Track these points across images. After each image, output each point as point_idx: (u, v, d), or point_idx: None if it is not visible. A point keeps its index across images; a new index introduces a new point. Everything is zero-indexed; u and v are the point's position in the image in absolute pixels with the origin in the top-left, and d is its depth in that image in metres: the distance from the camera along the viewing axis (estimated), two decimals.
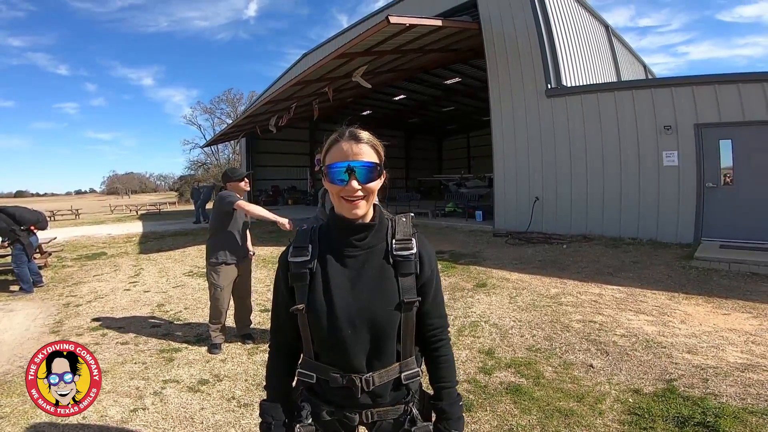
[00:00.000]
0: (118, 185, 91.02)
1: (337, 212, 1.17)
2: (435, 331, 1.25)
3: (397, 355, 1.18)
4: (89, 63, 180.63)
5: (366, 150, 1.11)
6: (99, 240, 11.74)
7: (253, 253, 4.31)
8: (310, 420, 1.19)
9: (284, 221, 3.71)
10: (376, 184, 1.13)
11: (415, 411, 1.21)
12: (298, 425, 1.18)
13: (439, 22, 9.67)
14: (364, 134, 1.14)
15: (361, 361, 1.14)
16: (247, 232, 4.21)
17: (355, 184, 1.08)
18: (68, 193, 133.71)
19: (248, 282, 4.25)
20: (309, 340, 1.18)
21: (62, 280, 6.99)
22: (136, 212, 23.68)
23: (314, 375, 1.19)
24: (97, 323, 4.75)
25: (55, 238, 9.97)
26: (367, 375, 1.14)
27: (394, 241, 1.18)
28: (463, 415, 1.26)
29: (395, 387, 1.19)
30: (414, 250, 1.18)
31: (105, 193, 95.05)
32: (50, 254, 8.21)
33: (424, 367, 1.29)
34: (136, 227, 14.93)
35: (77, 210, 22.88)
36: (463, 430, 1.24)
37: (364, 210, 1.13)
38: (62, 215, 21.40)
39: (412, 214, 1.29)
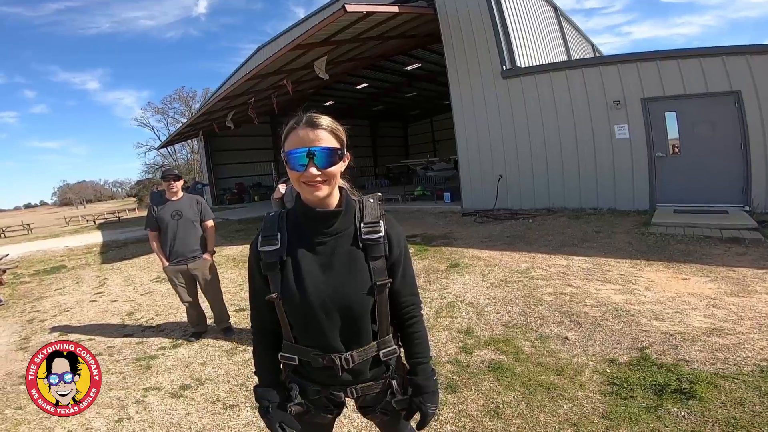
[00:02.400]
0: (70, 195, 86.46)
1: (303, 198, 1.19)
2: (408, 308, 1.29)
3: (374, 334, 1.23)
4: (24, 69, 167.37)
5: (324, 135, 1.12)
6: (56, 253, 11.16)
7: (213, 252, 4.27)
8: (299, 399, 1.25)
9: (163, 264, 4.05)
10: (337, 168, 1.14)
11: (395, 384, 1.28)
12: (289, 405, 1.23)
13: (395, 9, 9.64)
14: (323, 119, 1.14)
15: (338, 343, 1.18)
16: (200, 230, 4.16)
17: (313, 170, 1.09)
18: (17, 208, 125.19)
19: (208, 280, 4.18)
20: (287, 325, 1.22)
21: (22, 297, 6.65)
22: (94, 222, 22.58)
23: (296, 357, 1.23)
24: (65, 337, 4.57)
25: (8, 255, 9.44)
26: (347, 354, 1.18)
27: (362, 224, 1.20)
28: (438, 390, 1.31)
29: (375, 364, 1.25)
30: (382, 233, 1.19)
31: (57, 205, 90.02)
32: (4, 272, 7.77)
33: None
34: (96, 237, 14.27)
35: (29, 225, 21.54)
36: (437, 403, 1.29)
37: (326, 192, 1.14)
38: (13, 231, 20.13)
39: (380, 194, 1.30)
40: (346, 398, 1.29)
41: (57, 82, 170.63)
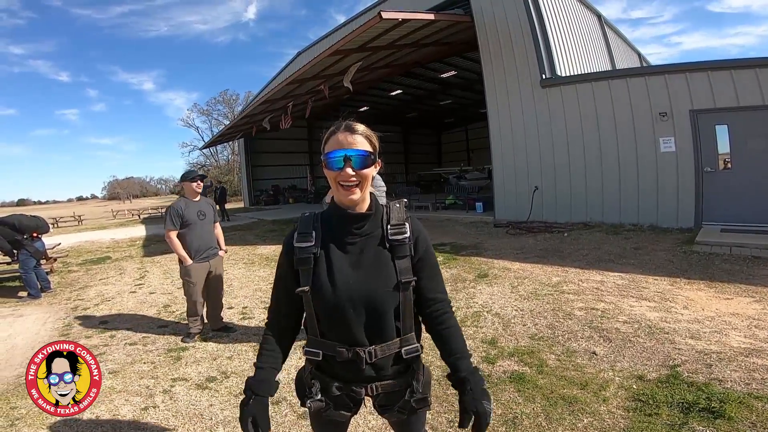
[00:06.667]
0: (119, 190, 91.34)
1: (336, 201, 1.27)
2: (437, 305, 1.32)
3: (397, 331, 1.26)
4: (90, 69, 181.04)
5: (360, 140, 1.21)
6: (103, 245, 11.80)
7: (225, 251, 4.47)
8: (320, 396, 1.28)
9: (188, 262, 4.08)
10: (370, 171, 1.23)
11: (415, 383, 1.29)
12: (308, 401, 1.27)
13: (431, 16, 9.69)
14: (359, 126, 1.23)
15: (362, 337, 1.23)
16: (215, 229, 4.36)
17: (349, 170, 1.18)
18: (70, 200, 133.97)
19: (220, 280, 4.38)
20: (314, 319, 1.27)
21: (69, 285, 7.06)
22: (139, 216, 23.76)
23: (320, 352, 1.27)
24: (105, 325, 4.81)
25: (60, 244, 10.05)
26: (370, 348, 1.23)
27: (389, 226, 1.27)
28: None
29: (396, 361, 1.28)
30: (407, 234, 1.27)
31: (106, 199, 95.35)
32: (55, 260, 8.26)
33: (423, 342, 1.36)
34: (139, 231, 14.99)
35: (80, 216, 22.93)
36: (491, 401, 1.22)
37: (359, 195, 1.22)
38: (65, 222, 21.44)
39: (405, 200, 1.38)
40: (366, 396, 1.31)
41: (117, 82, 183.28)
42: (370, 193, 1.29)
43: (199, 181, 4.18)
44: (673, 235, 7.28)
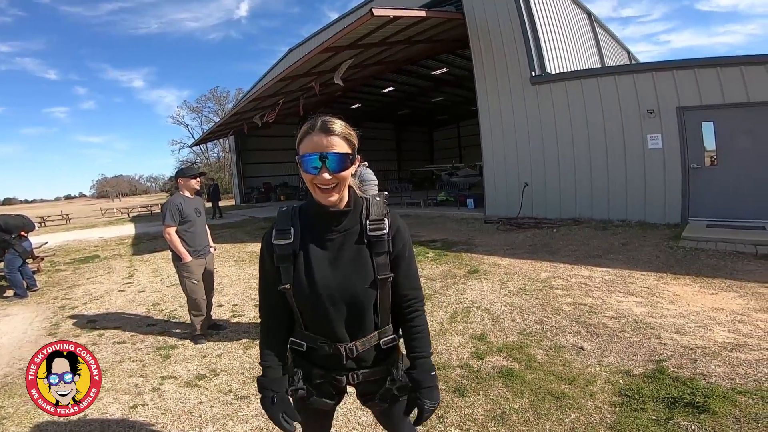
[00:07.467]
0: (108, 188, 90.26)
1: (314, 197, 1.23)
2: (409, 302, 1.32)
3: (375, 325, 1.29)
4: (79, 67, 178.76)
5: (336, 141, 1.15)
6: (91, 243, 11.67)
7: (215, 249, 4.46)
8: (301, 383, 1.31)
9: (187, 259, 3.97)
10: (348, 173, 1.18)
11: (395, 371, 1.33)
12: (290, 388, 1.30)
13: (422, 13, 9.68)
14: (336, 125, 1.16)
15: (343, 332, 1.25)
16: (206, 227, 4.33)
17: (326, 175, 1.14)
18: (57, 199, 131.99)
19: (212, 276, 4.37)
20: (298, 314, 1.28)
21: (56, 284, 6.98)
22: (128, 215, 23.50)
23: (304, 344, 1.30)
24: (93, 324, 4.77)
25: (47, 243, 9.91)
26: (350, 344, 1.26)
27: (368, 222, 1.25)
28: (437, 386, 1.32)
29: (376, 352, 1.32)
30: (386, 230, 1.25)
31: (95, 197, 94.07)
32: (42, 259, 8.15)
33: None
34: (128, 229, 14.84)
35: (68, 215, 22.60)
36: (437, 400, 1.30)
37: (337, 197, 1.20)
38: (52, 221, 21.12)
39: (386, 193, 1.36)
40: (348, 385, 1.35)
41: (106, 79, 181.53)
42: (349, 186, 1.26)
43: (198, 178, 4.15)
44: (661, 230, 7.37)
